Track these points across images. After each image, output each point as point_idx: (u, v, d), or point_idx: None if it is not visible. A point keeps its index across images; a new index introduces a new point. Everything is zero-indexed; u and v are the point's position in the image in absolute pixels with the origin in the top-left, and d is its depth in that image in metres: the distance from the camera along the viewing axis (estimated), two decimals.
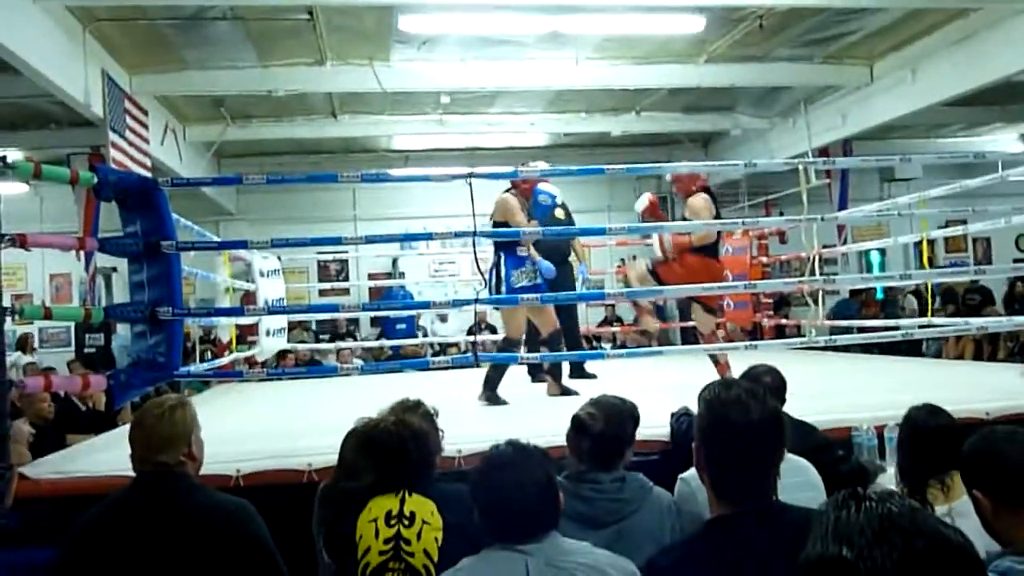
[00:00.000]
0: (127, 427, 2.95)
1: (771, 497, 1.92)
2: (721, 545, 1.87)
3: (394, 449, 2.52)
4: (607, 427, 2.66)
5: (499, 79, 9.47)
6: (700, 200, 5.55)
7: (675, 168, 5.48)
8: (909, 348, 8.80)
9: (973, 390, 4.53)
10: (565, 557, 2.00)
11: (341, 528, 2.50)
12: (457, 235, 4.71)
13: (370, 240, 4.91)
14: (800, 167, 5.80)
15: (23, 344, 11.81)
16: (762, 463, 1.90)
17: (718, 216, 5.61)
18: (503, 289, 5.23)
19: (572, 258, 6.77)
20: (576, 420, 2.69)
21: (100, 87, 7.60)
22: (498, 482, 2.09)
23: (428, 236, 4.83)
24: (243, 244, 5.44)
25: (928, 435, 2.71)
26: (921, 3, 7.90)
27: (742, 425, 1.89)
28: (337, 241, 4.83)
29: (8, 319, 3.53)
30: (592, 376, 6.30)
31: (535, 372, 6.37)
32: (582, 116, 11.54)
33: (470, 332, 11.13)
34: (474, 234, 4.57)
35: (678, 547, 2.02)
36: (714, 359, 5.51)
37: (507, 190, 5.50)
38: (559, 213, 6.35)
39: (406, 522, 2.44)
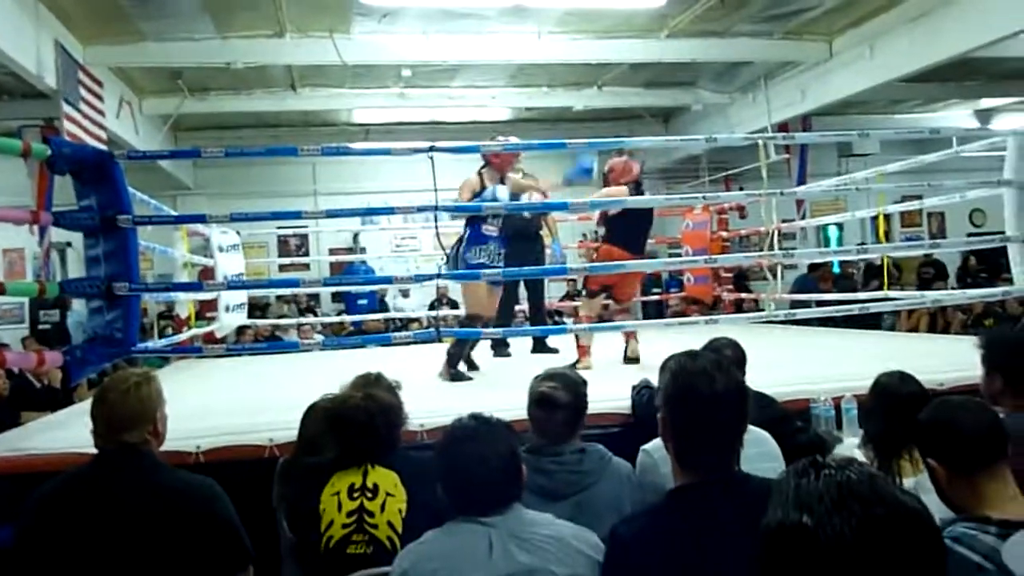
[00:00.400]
0: (84, 404, 2.90)
1: (734, 467, 1.94)
2: (684, 514, 1.89)
3: (362, 424, 2.52)
4: (573, 398, 2.67)
5: (461, 53, 9.41)
6: (617, 189, 5.57)
7: (636, 143, 5.48)
8: (865, 322, 8.93)
9: (927, 361, 4.60)
10: (528, 529, 2.01)
11: (304, 503, 2.49)
12: (419, 210, 4.70)
13: (331, 214, 4.86)
14: (760, 142, 5.84)
15: None
16: (726, 434, 1.93)
17: (637, 212, 5.59)
18: (460, 263, 5.18)
19: (544, 233, 6.75)
20: (542, 396, 2.67)
21: (53, 58, 7.42)
22: (461, 455, 2.09)
23: (390, 211, 4.82)
24: (202, 218, 5.37)
25: (901, 402, 2.73)
26: None
27: (707, 396, 1.91)
28: (297, 215, 4.77)
29: None
30: (554, 350, 6.32)
31: (497, 347, 6.38)
32: (544, 90, 11.51)
33: (431, 307, 11.13)
34: (436, 209, 4.55)
35: (640, 516, 2.03)
36: (577, 338, 5.53)
37: (482, 167, 5.47)
38: None
39: (369, 494, 2.44)
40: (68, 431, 3.75)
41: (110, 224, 4.05)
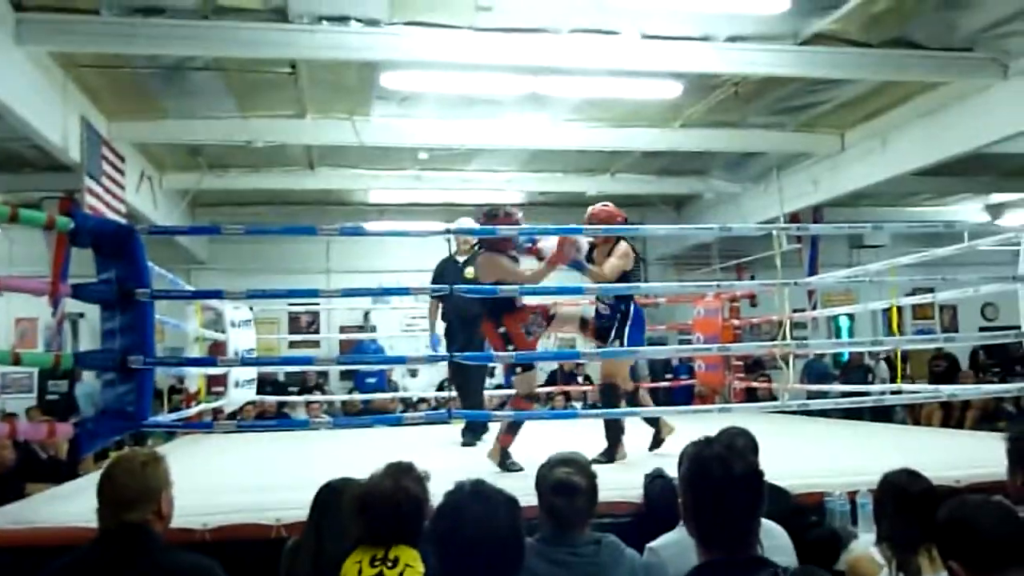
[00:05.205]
0: (89, 477, 2.90)
1: (755, 548, 1.99)
2: None
3: (390, 511, 2.50)
4: (590, 483, 2.60)
5: (477, 137, 9.60)
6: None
7: (650, 231, 5.50)
8: (877, 414, 8.86)
9: (943, 456, 4.55)
10: None
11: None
12: (434, 292, 4.72)
13: (347, 294, 4.88)
14: (774, 232, 5.88)
15: None
16: (744, 515, 2.00)
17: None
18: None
19: None
20: (561, 482, 2.57)
21: (78, 132, 7.59)
22: (455, 528, 2.04)
23: (405, 291, 4.85)
24: (219, 294, 5.38)
25: (913, 500, 2.70)
26: (891, 76, 8.11)
27: (723, 479, 1.99)
28: (313, 294, 4.82)
29: None
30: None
31: (469, 432, 6.00)
32: (558, 176, 11.68)
33: (440, 388, 11.06)
34: (451, 290, 4.56)
35: None
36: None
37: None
38: None
39: (389, 564, 2.43)
40: (73, 504, 3.72)
41: (128, 297, 4.08)
